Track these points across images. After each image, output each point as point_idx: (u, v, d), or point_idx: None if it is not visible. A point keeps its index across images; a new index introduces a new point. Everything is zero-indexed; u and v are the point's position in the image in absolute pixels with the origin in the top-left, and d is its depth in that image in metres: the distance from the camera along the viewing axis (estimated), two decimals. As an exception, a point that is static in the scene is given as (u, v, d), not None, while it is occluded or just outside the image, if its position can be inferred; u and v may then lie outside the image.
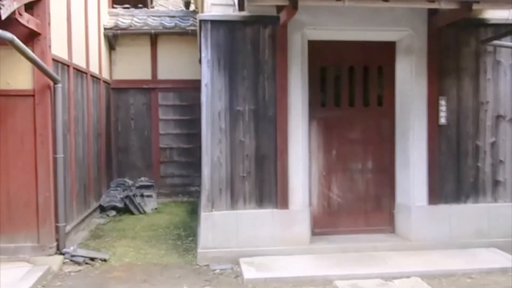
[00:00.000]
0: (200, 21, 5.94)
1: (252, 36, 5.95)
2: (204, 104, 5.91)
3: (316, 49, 6.24)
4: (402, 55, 6.34)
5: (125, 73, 10.00)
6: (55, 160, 5.90)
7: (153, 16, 10.06)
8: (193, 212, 8.95)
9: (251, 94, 5.97)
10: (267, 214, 5.95)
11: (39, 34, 5.67)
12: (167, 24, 9.70)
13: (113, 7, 10.24)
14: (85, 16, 7.93)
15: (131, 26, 9.54)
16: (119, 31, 9.47)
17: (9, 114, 5.74)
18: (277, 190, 6.00)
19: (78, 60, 7.36)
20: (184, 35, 9.73)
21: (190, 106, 9.99)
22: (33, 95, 5.74)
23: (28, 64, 5.54)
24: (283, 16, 5.63)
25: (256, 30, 5.97)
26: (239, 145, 5.94)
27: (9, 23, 4.84)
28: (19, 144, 5.77)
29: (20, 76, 5.73)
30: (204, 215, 5.91)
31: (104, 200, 8.86)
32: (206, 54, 5.87)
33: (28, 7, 5.52)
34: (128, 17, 9.87)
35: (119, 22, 9.54)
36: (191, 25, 9.67)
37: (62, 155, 5.99)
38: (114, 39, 9.64)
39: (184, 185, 10.32)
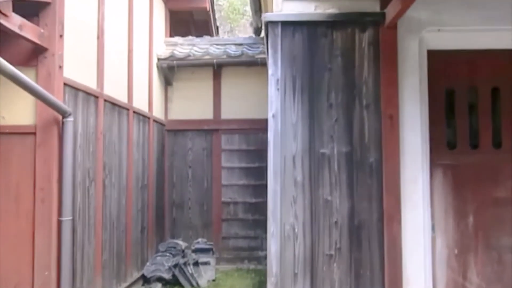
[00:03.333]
0: (267, 23, 4.07)
1: (343, 44, 4.01)
2: (271, 145, 3.96)
3: (440, 62, 4.15)
4: None
5: (182, 112, 8.40)
6: (59, 224, 4.17)
7: (216, 44, 8.46)
8: (262, 285, 6.86)
9: (342, 130, 3.96)
10: (369, 318, 3.77)
11: (45, 49, 4.09)
12: (232, 52, 8.03)
13: (170, 36, 8.78)
14: (129, 41, 6.40)
15: (189, 55, 7.97)
16: (175, 62, 7.92)
17: (3, 159, 4.13)
18: (384, 278, 3.82)
19: (115, 92, 5.77)
20: (253, 65, 8.00)
21: (259, 151, 8.12)
22: (34, 133, 4.11)
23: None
24: (391, 11, 3.71)
25: (349, 35, 4.02)
26: (324, 207, 3.89)
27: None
28: (12, 203, 4.12)
29: (18, 107, 4.15)
30: (270, 315, 3.84)
31: (148, 270, 7.03)
32: (275, 70, 3.98)
33: (32, 14, 3.98)
34: (187, 47, 8.34)
35: (176, 52, 8.01)
36: (260, 52, 7.93)
37: (70, 218, 4.25)
38: (170, 72, 8.11)
39: (250, 249, 8.32)
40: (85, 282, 4.86)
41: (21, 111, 4.14)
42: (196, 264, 7.36)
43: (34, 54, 4.09)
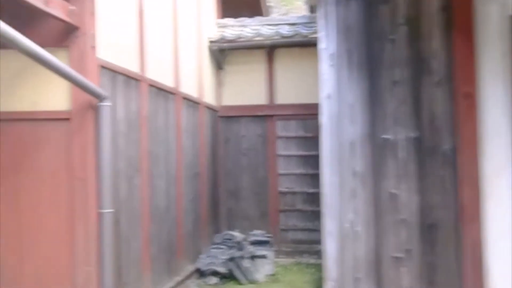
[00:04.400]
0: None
1: (408, 10, 3.41)
2: (325, 130, 3.45)
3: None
4: None
5: (235, 98, 8.01)
6: (100, 217, 3.88)
7: (268, 25, 7.96)
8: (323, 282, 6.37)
9: (409, 111, 3.38)
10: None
11: (76, 28, 3.78)
12: (286, 32, 7.50)
13: (222, 18, 8.36)
14: (175, 23, 6.05)
15: (240, 37, 7.53)
16: (225, 44, 7.51)
17: (37, 147, 3.90)
18: (463, 286, 3.21)
19: (159, 76, 5.44)
20: (308, 45, 7.41)
21: (318, 138, 7.54)
22: (69, 119, 3.83)
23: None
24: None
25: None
26: (389, 201, 3.35)
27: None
28: (50, 193, 3.88)
29: (51, 92, 3.89)
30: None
31: (203, 262, 6.72)
32: (328, 44, 3.45)
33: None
34: (238, 28, 7.90)
35: (226, 34, 7.60)
36: (316, 32, 7.33)
37: (111, 210, 3.94)
38: (221, 55, 7.72)
39: (310, 242, 7.83)
40: (132, 277, 4.60)
41: (56, 95, 3.88)
42: (252, 257, 6.98)
43: (66, 34, 3.80)
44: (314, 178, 7.65)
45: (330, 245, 3.42)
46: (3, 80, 3.96)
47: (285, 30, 7.61)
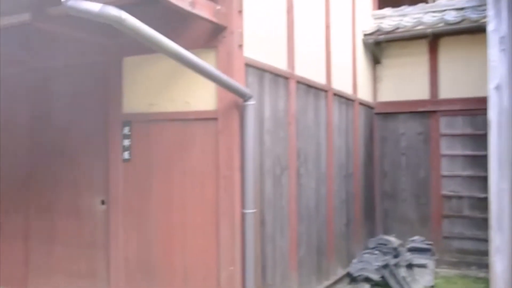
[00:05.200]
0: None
1: None
2: (493, 126, 2.91)
3: None
4: None
5: (393, 93, 7.51)
6: (243, 217, 3.86)
7: (432, 11, 7.24)
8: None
9: None
10: None
11: (223, 28, 3.81)
12: (451, 19, 6.74)
13: (379, 8, 7.87)
14: (326, 15, 5.82)
15: (398, 28, 6.98)
16: (381, 36, 7.04)
17: (186, 146, 4.03)
18: None
19: (309, 73, 5.28)
20: (478, 32, 6.55)
21: (488, 136, 6.66)
22: (216, 118, 3.88)
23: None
24: None
25: None
26: None
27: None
28: (198, 192, 3.98)
29: (200, 92, 3.98)
30: None
31: (355, 267, 6.38)
32: (498, 24, 2.90)
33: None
34: (396, 18, 7.34)
35: (382, 26, 7.12)
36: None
37: (253, 210, 3.90)
38: (377, 48, 7.28)
39: (479, 253, 6.95)
40: (277, 278, 4.52)
41: (203, 95, 3.96)
42: (410, 266, 6.44)
43: (213, 34, 3.84)
44: (485, 181, 6.75)
45: (499, 263, 2.87)
46: (157, 82, 4.17)
47: (451, 16, 6.84)
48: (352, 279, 6.36)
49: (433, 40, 7.06)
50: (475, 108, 6.85)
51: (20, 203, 5.00)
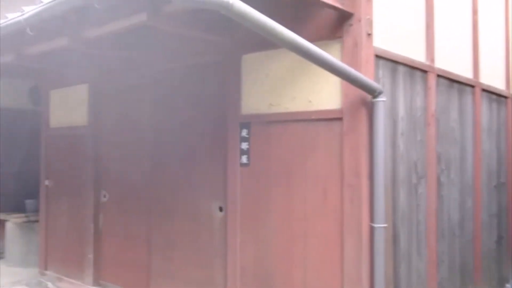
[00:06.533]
0: None
1: None
2: None
3: None
4: None
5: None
6: (372, 231, 3.34)
7: None
8: None
9: None
10: None
11: (349, 15, 3.34)
12: None
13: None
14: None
15: None
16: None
17: (309, 149, 3.62)
18: None
19: (452, 65, 4.56)
20: None
21: None
22: (340, 118, 3.42)
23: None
24: None
25: None
26: None
27: None
28: (320, 200, 3.55)
29: (324, 89, 3.54)
30: None
31: (508, 292, 5.45)
32: None
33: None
34: None
35: (544, 8, 6.00)
36: None
37: (384, 225, 3.35)
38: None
39: None
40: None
41: (327, 93, 3.52)
42: None
43: (338, 23, 3.38)
44: None
45: None
46: (277, 80, 3.83)
47: None
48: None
49: None
50: None
51: (143, 207, 5.02)
